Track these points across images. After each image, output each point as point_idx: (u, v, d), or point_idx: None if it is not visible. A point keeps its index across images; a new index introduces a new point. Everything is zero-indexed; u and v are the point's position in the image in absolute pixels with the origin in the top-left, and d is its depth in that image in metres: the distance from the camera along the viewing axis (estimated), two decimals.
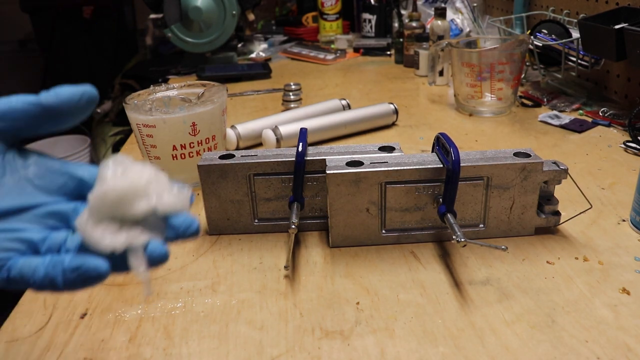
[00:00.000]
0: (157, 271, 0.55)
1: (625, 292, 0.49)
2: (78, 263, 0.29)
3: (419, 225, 0.57)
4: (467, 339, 0.44)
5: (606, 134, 0.87)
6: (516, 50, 0.94)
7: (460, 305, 0.48)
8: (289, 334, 0.46)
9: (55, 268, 0.29)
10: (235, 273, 0.54)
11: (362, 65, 1.49)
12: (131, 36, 2.99)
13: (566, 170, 0.56)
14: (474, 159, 0.56)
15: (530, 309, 0.47)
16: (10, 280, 0.29)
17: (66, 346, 0.45)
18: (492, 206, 0.57)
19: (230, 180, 0.59)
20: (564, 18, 1.13)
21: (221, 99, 0.72)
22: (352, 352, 0.43)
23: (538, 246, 0.56)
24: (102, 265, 0.30)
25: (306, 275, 0.53)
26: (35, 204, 0.31)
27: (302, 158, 0.56)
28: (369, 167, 0.55)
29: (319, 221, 0.61)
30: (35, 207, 0.31)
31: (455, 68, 1.00)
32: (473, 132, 0.92)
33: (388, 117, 0.96)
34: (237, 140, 0.86)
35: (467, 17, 1.49)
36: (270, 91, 1.24)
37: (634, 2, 0.93)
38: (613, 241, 0.57)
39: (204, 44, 1.43)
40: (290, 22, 1.92)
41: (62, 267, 0.29)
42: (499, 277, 0.52)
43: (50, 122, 0.31)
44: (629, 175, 0.72)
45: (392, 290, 0.50)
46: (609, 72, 1.04)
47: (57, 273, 0.29)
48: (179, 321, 0.48)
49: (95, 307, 0.50)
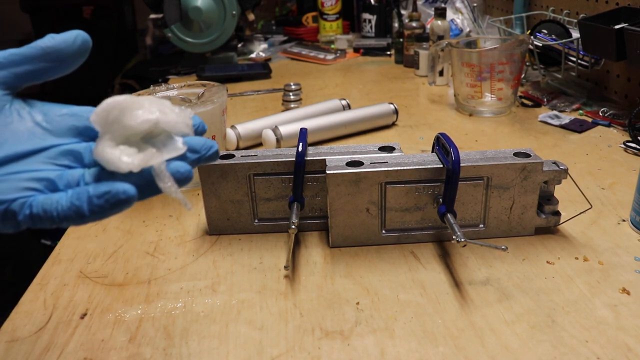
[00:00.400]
0: (157, 271, 0.55)
1: (625, 292, 0.49)
2: (105, 189, 0.29)
3: (419, 225, 0.57)
4: (467, 339, 0.44)
5: (606, 134, 0.87)
6: (516, 50, 0.94)
7: (460, 305, 0.48)
8: (289, 334, 0.46)
9: (80, 198, 0.29)
10: (235, 273, 0.54)
11: (362, 65, 1.49)
12: (131, 36, 2.99)
13: (566, 170, 0.56)
14: (474, 159, 0.56)
15: (530, 309, 0.47)
16: (34, 217, 0.29)
17: (66, 346, 0.45)
18: (492, 206, 0.57)
19: (230, 180, 0.59)
20: (564, 18, 1.13)
21: (221, 99, 0.72)
22: (352, 352, 0.43)
23: (538, 246, 0.56)
24: (129, 188, 0.29)
25: (306, 275, 0.53)
26: (47, 146, 0.31)
27: (302, 158, 0.56)
28: (369, 167, 0.55)
29: (319, 221, 0.61)
30: (47, 148, 0.31)
31: (455, 68, 1.00)
32: (473, 132, 0.92)
33: (388, 117, 0.96)
34: (237, 140, 0.86)
35: (467, 17, 1.49)
36: (270, 91, 1.24)
37: (634, 2, 0.93)
38: (613, 241, 0.57)
39: (204, 44, 1.43)
40: (290, 22, 1.92)
41: (87, 195, 0.29)
42: (499, 277, 0.52)
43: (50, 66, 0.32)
44: (629, 175, 0.72)
45: (392, 290, 0.50)
46: (609, 72, 1.04)
47: (83, 202, 0.29)
48: (179, 321, 0.48)
49: (95, 307, 0.50)
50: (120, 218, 0.66)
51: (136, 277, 0.54)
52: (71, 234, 0.63)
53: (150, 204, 0.70)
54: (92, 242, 0.61)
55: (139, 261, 0.57)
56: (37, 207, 0.29)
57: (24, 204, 0.29)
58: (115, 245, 0.60)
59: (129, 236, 0.62)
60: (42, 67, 0.32)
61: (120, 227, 0.64)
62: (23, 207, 0.29)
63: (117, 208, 0.29)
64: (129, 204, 0.30)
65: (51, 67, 0.32)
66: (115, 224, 0.65)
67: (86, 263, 0.57)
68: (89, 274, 0.55)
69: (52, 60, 0.32)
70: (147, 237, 0.62)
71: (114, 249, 0.59)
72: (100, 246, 0.60)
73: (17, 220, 0.29)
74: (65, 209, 0.29)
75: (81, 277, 0.55)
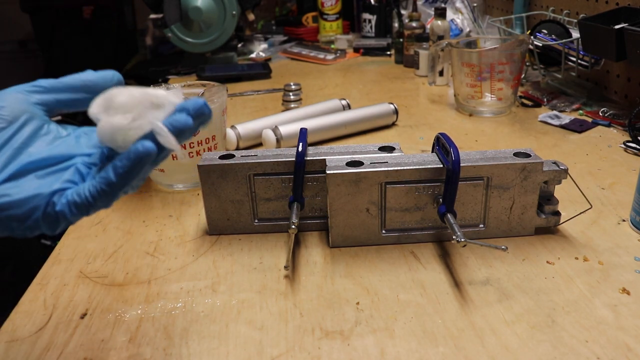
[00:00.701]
0: (158, 271, 0.55)
1: (625, 292, 0.49)
2: (126, 154, 0.31)
3: (419, 225, 0.57)
4: (467, 339, 0.44)
5: (606, 134, 0.87)
6: (516, 50, 0.94)
7: (460, 305, 0.48)
8: (289, 334, 0.46)
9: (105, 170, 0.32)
10: (235, 273, 0.54)
11: (362, 65, 1.49)
12: (131, 36, 2.99)
13: (566, 170, 0.56)
14: (474, 159, 0.56)
15: (530, 309, 0.47)
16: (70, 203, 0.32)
17: (66, 346, 0.45)
18: (492, 206, 0.57)
19: (230, 180, 0.59)
20: (564, 18, 1.13)
21: (221, 99, 0.72)
22: (352, 352, 0.43)
23: (538, 246, 0.56)
24: (148, 144, 0.31)
25: (306, 275, 0.53)
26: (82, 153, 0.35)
27: (302, 158, 0.56)
28: (369, 167, 0.55)
29: (319, 221, 0.61)
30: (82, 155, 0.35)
31: (455, 68, 1.00)
32: (473, 132, 0.92)
33: (388, 117, 0.96)
34: (237, 140, 0.86)
35: (467, 17, 1.49)
36: (270, 91, 1.24)
37: (634, 2, 0.93)
38: (613, 241, 0.57)
39: (204, 44, 1.43)
40: (290, 22, 1.92)
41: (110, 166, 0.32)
42: (499, 277, 0.52)
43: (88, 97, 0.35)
44: (629, 175, 0.72)
45: (392, 290, 0.50)
46: (609, 72, 1.04)
47: (108, 171, 0.32)
48: (179, 321, 0.48)
49: (95, 307, 0.50)
50: (120, 218, 0.66)
51: (136, 277, 0.54)
52: (71, 234, 0.63)
53: (150, 204, 0.70)
54: (92, 242, 0.61)
55: (139, 261, 0.57)
56: (72, 194, 0.32)
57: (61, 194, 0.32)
58: (115, 245, 0.60)
59: (129, 236, 0.62)
60: (81, 97, 0.36)
61: (120, 227, 0.64)
62: (60, 198, 0.32)
63: (140, 164, 0.31)
64: (149, 156, 0.31)
65: (88, 99, 0.35)
66: (116, 224, 0.65)
67: (86, 263, 0.57)
68: (89, 274, 0.55)
69: (89, 92, 0.36)
70: (147, 237, 0.62)
71: (114, 249, 0.59)
72: (100, 246, 0.60)
73: (55, 212, 0.32)
74: (95, 183, 0.32)
75: (81, 277, 0.55)
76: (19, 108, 0.34)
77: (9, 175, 0.32)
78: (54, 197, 0.32)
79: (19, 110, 0.33)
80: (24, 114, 0.34)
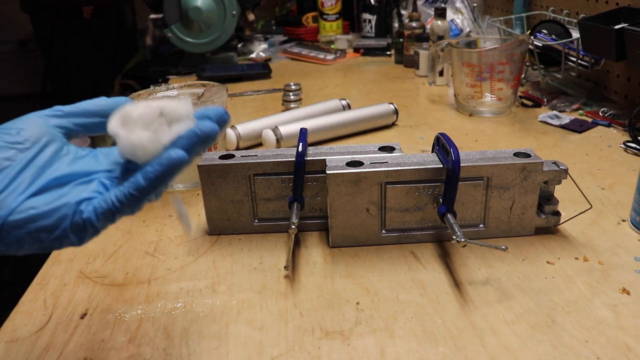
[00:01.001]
0: (157, 271, 0.55)
1: (625, 292, 0.49)
2: (158, 160, 0.32)
3: (419, 225, 0.57)
4: (467, 339, 0.44)
5: (606, 134, 0.87)
6: (516, 50, 0.94)
7: (460, 305, 0.48)
8: (289, 334, 0.46)
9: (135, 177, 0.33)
10: (235, 273, 0.54)
11: (362, 65, 1.49)
12: (131, 36, 2.99)
13: (566, 170, 0.56)
14: (474, 159, 0.56)
15: (530, 309, 0.47)
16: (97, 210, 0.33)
17: (66, 346, 0.45)
18: (492, 206, 0.57)
19: (230, 180, 0.59)
20: (564, 18, 1.13)
21: (221, 99, 0.72)
22: (352, 352, 0.43)
23: (538, 246, 0.56)
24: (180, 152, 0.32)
25: (306, 275, 0.53)
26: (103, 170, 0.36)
27: (302, 158, 0.56)
28: (369, 167, 0.55)
29: (319, 221, 0.61)
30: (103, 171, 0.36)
31: (455, 68, 1.00)
32: (473, 132, 0.92)
33: (388, 117, 0.96)
34: (237, 140, 0.86)
35: (467, 17, 1.49)
36: (270, 91, 1.24)
37: (634, 2, 0.93)
38: (613, 241, 0.57)
39: (204, 44, 1.43)
40: (290, 22, 1.92)
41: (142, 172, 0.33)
42: (499, 277, 0.52)
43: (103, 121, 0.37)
44: (629, 175, 0.72)
45: (392, 290, 0.50)
46: (609, 72, 1.04)
47: (138, 177, 0.33)
48: (179, 321, 0.48)
49: (95, 307, 0.50)
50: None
51: (136, 277, 0.54)
52: None
53: (150, 204, 0.69)
54: (92, 242, 0.61)
55: (139, 261, 0.57)
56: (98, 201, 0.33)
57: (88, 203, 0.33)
58: (115, 245, 0.60)
59: (129, 236, 0.62)
60: (96, 121, 0.38)
61: (120, 227, 0.64)
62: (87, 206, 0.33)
63: (172, 171, 0.32)
64: (182, 163, 0.33)
65: (102, 123, 0.37)
66: (115, 224, 0.64)
67: (86, 263, 0.57)
68: (89, 274, 0.55)
69: (104, 117, 0.37)
70: (147, 237, 0.62)
71: (114, 249, 0.59)
72: (100, 246, 0.60)
73: (82, 220, 0.33)
74: (123, 189, 0.33)
75: (81, 277, 0.55)
76: (40, 130, 0.35)
77: (36, 191, 0.33)
78: (81, 206, 0.33)
79: (40, 132, 0.35)
80: (45, 136, 0.35)
